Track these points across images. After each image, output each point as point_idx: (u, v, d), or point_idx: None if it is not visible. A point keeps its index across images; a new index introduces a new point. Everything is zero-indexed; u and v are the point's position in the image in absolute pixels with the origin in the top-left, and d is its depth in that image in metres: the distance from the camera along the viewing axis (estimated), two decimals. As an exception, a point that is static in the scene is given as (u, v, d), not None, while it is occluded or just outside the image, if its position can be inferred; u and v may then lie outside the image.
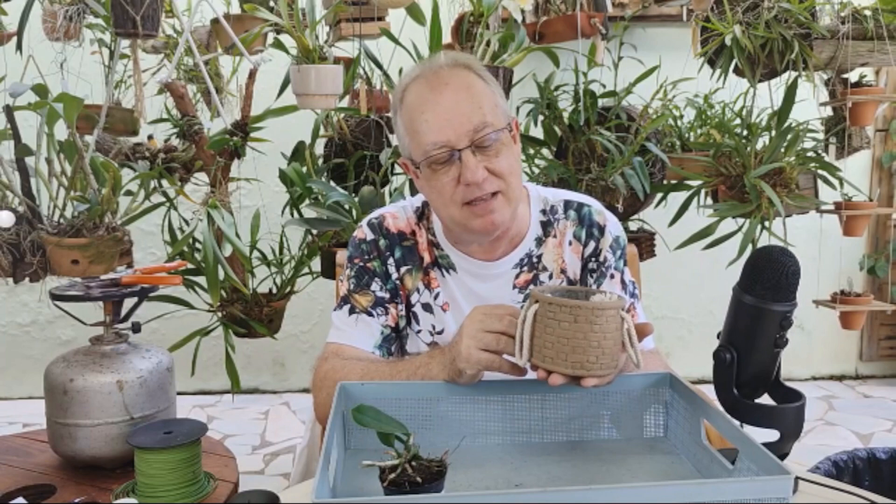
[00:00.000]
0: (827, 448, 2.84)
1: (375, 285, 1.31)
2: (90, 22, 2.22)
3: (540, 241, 1.32)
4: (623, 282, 1.33)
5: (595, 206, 1.36)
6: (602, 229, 1.33)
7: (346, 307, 1.31)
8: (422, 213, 1.35)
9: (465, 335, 1.05)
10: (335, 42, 2.47)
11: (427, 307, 1.32)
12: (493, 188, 1.17)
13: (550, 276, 1.31)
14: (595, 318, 0.94)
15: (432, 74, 1.19)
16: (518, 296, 1.31)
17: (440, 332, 1.32)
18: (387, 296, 1.31)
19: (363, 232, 1.34)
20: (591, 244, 1.32)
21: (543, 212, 1.34)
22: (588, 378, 0.96)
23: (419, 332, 1.33)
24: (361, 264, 1.32)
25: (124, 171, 2.19)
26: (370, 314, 1.29)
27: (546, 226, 1.33)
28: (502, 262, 1.30)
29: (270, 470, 2.86)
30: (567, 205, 1.34)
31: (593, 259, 1.32)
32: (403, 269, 1.32)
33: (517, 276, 1.31)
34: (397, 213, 1.35)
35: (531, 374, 1.02)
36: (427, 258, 1.32)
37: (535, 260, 1.31)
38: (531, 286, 1.30)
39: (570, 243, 1.32)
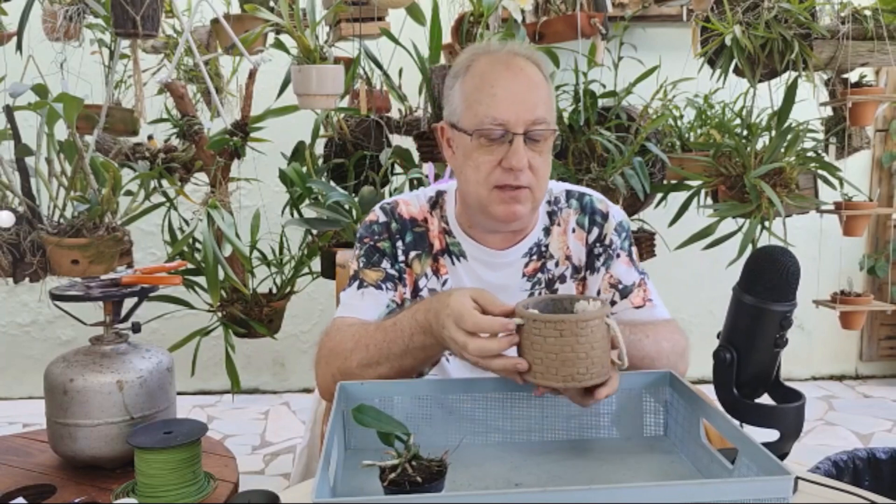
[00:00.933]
0: (827, 448, 2.84)
1: (386, 263, 1.33)
2: (90, 22, 2.22)
3: (547, 231, 1.36)
4: (631, 260, 1.36)
5: (596, 195, 1.39)
6: (605, 215, 1.36)
7: (355, 283, 1.33)
8: (435, 202, 1.38)
9: (460, 349, 1.03)
10: (335, 42, 2.47)
11: (433, 293, 1.33)
12: (526, 182, 1.21)
13: (557, 264, 1.35)
14: (580, 331, 0.94)
15: (509, 57, 1.23)
16: (526, 284, 1.34)
17: None
18: (396, 273, 1.33)
19: (375, 214, 1.37)
20: (595, 230, 1.35)
21: (549, 202, 1.38)
22: (600, 389, 0.97)
23: None
24: (372, 243, 1.34)
25: (124, 171, 2.19)
26: (379, 288, 1.31)
27: (551, 215, 1.37)
28: (512, 250, 1.33)
29: (270, 470, 2.86)
30: (569, 194, 1.38)
31: (598, 244, 1.35)
32: (413, 254, 1.34)
33: (526, 265, 1.34)
34: (410, 200, 1.38)
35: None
36: (437, 245, 1.35)
37: (543, 248, 1.35)
38: (539, 274, 1.34)
39: (574, 230, 1.36)
